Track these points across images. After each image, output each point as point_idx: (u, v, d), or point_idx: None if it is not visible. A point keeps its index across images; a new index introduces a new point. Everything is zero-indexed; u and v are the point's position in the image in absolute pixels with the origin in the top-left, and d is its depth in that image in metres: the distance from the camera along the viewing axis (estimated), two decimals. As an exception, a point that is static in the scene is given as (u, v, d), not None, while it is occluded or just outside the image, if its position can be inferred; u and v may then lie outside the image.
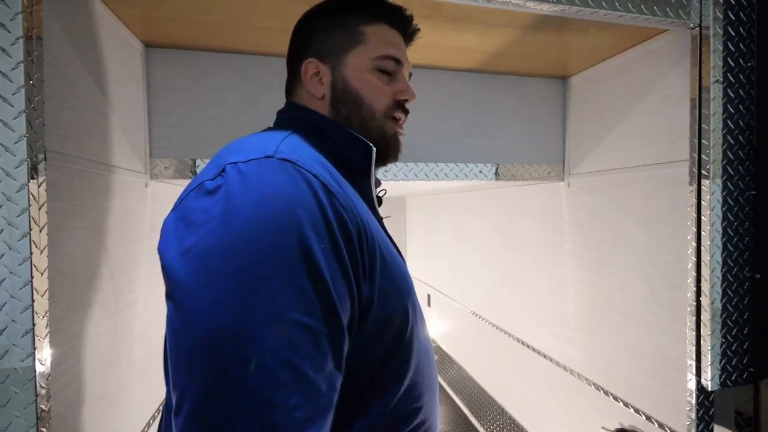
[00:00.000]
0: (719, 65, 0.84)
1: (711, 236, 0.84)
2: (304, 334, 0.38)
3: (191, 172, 1.00)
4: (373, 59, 0.58)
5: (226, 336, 0.36)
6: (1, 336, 0.52)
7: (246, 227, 0.38)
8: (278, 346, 0.36)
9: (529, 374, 1.52)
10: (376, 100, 0.58)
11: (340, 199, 0.44)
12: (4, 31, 0.52)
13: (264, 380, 0.35)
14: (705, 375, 0.85)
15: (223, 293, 0.37)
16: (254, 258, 0.38)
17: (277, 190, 0.40)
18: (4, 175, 0.52)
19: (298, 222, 0.39)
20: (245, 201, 0.39)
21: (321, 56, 0.59)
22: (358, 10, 0.59)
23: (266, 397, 0.35)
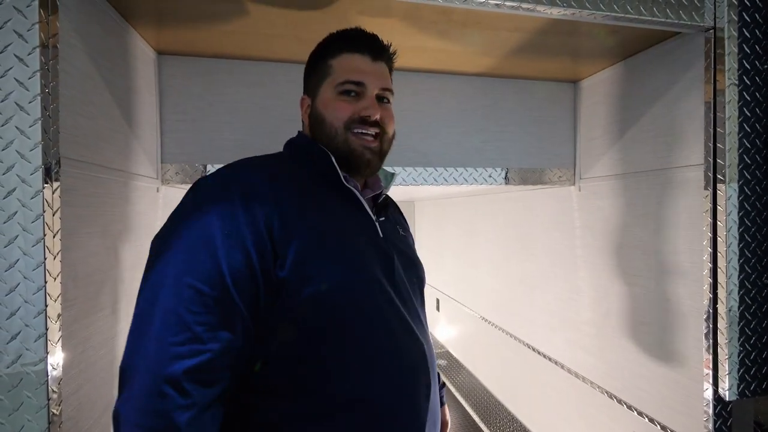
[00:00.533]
0: (734, 68, 0.83)
1: (728, 242, 0.82)
2: (193, 294, 0.50)
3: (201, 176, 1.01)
4: (335, 87, 0.67)
5: (143, 285, 0.53)
6: (15, 340, 0.53)
7: (174, 214, 0.56)
8: (169, 298, 0.50)
9: (540, 381, 1.50)
10: (336, 119, 0.67)
11: (257, 198, 0.55)
12: (21, 41, 0.53)
13: (154, 321, 0.49)
14: (722, 384, 0.83)
15: (150, 259, 0.54)
16: (170, 237, 0.53)
17: (203, 191, 0.57)
18: (19, 181, 0.53)
19: (209, 212, 0.53)
20: (191, 194, 0.57)
21: (308, 92, 0.73)
22: (326, 49, 0.70)
23: (152, 333, 0.49)
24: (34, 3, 0.54)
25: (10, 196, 0.53)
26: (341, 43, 0.69)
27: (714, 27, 0.84)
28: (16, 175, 0.53)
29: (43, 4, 0.55)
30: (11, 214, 0.53)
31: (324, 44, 0.71)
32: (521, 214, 1.61)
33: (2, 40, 0.53)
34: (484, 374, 2.04)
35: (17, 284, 0.53)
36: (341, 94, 0.67)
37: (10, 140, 0.53)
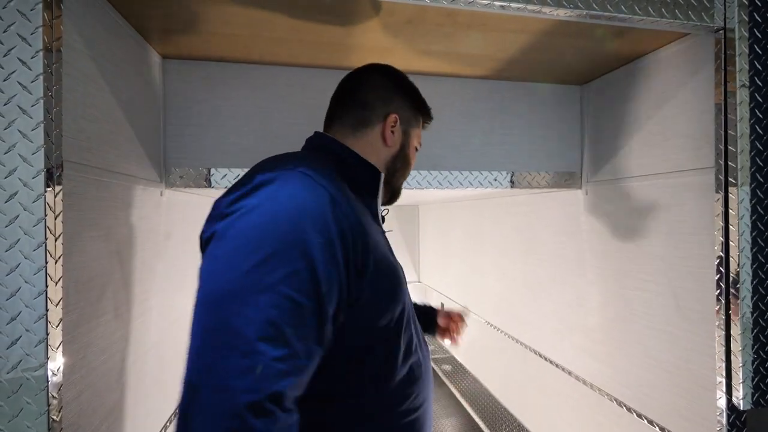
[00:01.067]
0: (746, 69, 0.81)
1: (740, 247, 0.80)
2: (291, 305, 0.47)
3: (206, 181, 1.01)
4: (418, 141, 0.83)
5: (231, 295, 0.46)
6: (15, 345, 0.52)
7: (263, 219, 0.50)
8: (268, 309, 0.46)
9: (546, 387, 1.47)
10: (410, 169, 0.82)
11: (342, 207, 0.54)
12: (24, 44, 0.53)
13: (253, 333, 0.45)
14: (736, 393, 0.80)
15: (219, 269, 0.49)
16: (264, 242, 0.48)
17: (292, 194, 0.52)
18: (21, 185, 0.53)
19: (303, 221, 0.50)
20: (267, 200, 0.52)
21: (401, 119, 0.77)
22: (423, 105, 0.83)
23: (253, 346, 0.44)
24: (38, 6, 0.54)
25: (12, 200, 0.53)
26: (426, 114, 0.84)
27: (724, 28, 0.83)
28: (18, 179, 0.53)
29: (47, 7, 0.55)
30: (13, 218, 0.53)
31: (419, 96, 0.82)
32: (527, 218, 1.59)
33: (6, 44, 0.53)
34: (489, 380, 2.01)
35: (18, 288, 0.52)
36: (415, 151, 0.82)
37: (12, 143, 0.53)
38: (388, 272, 0.62)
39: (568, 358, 1.35)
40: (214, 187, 1.01)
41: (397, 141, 0.76)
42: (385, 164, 0.75)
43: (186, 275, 1.18)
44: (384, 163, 0.75)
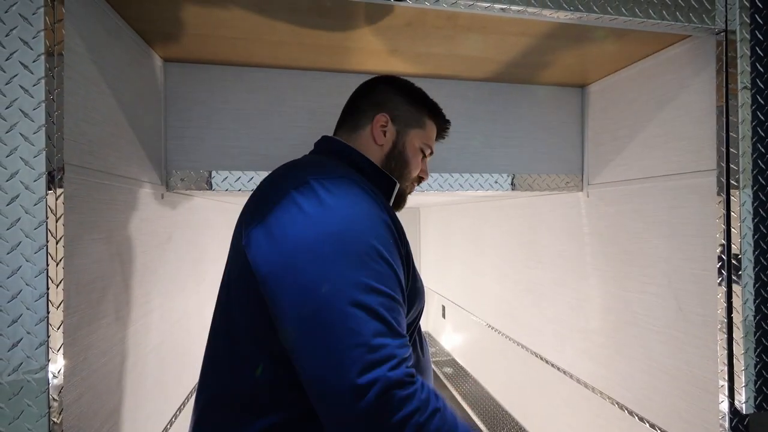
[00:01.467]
0: (747, 71, 0.81)
1: (742, 249, 0.80)
2: (385, 300, 0.52)
3: (207, 183, 1.01)
4: (423, 143, 0.81)
5: (310, 299, 0.50)
6: (16, 348, 0.52)
7: (339, 225, 0.54)
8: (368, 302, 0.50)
9: (548, 390, 1.47)
10: (413, 170, 0.81)
11: (390, 211, 0.61)
12: (26, 48, 0.53)
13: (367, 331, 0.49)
14: (739, 397, 0.80)
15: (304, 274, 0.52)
16: (345, 246, 0.52)
17: (355, 202, 0.57)
18: (23, 188, 0.53)
19: (370, 222, 0.56)
20: (336, 205, 0.55)
21: (393, 118, 0.78)
22: (427, 104, 0.82)
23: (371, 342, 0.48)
24: (39, 11, 0.54)
25: (13, 203, 0.53)
26: (437, 115, 0.84)
27: (725, 30, 0.82)
28: (19, 182, 0.53)
29: (49, 11, 0.55)
30: (14, 221, 0.53)
31: (424, 98, 0.82)
32: (528, 220, 1.59)
33: (8, 48, 0.53)
34: (490, 383, 2.01)
35: (19, 291, 0.53)
36: (422, 152, 0.81)
37: (14, 147, 0.53)
38: (415, 269, 0.67)
39: (570, 360, 1.34)
40: (215, 189, 1.01)
41: (389, 140, 0.77)
42: (380, 163, 0.77)
43: (187, 277, 1.18)
44: (379, 162, 0.77)
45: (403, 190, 0.81)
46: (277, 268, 0.53)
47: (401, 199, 0.82)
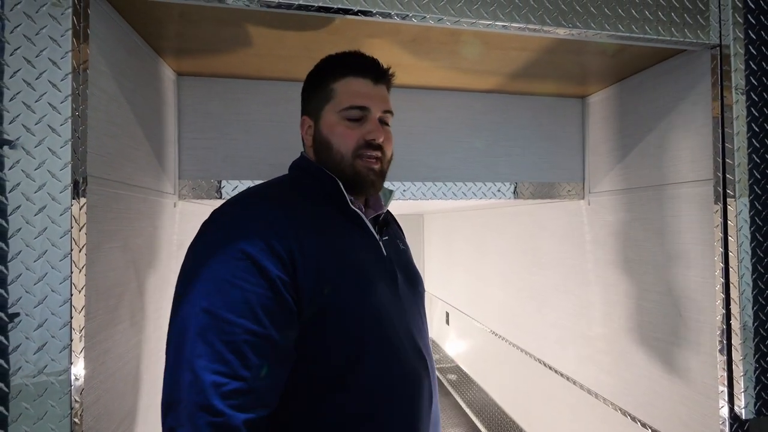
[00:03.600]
0: (742, 84, 0.84)
1: (739, 257, 0.82)
2: (226, 326, 0.52)
3: (217, 192, 1.04)
4: (339, 111, 0.69)
5: (172, 319, 0.57)
6: (41, 351, 0.55)
7: (196, 249, 0.59)
8: (203, 331, 0.52)
9: (552, 397, 1.48)
10: (343, 145, 0.68)
11: (277, 232, 0.58)
12: (55, 68, 0.57)
13: (187, 352, 0.52)
14: (738, 402, 0.81)
15: (176, 295, 0.58)
16: (195, 270, 0.56)
17: (220, 225, 0.61)
18: (50, 199, 0.56)
19: (232, 248, 0.56)
20: (199, 239, 0.61)
21: (309, 113, 0.74)
22: (328, 71, 0.72)
23: (191, 361, 0.51)
24: (67, 33, 0.57)
25: (41, 213, 0.56)
26: (343, 67, 0.70)
27: (720, 44, 0.85)
28: (47, 193, 0.56)
29: (76, 33, 0.58)
30: (41, 230, 0.56)
31: (324, 67, 0.73)
32: (531, 228, 1.61)
33: (38, 68, 0.57)
34: (494, 389, 2.01)
35: (45, 297, 0.55)
36: (346, 119, 0.68)
37: (42, 160, 0.56)
38: (358, 280, 0.63)
39: (573, 367, 1.36)
40: (225, 198, 1.04)
41: (311, 134, 0.73)
42: (319, 160, 0.71)
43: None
44: (319, 159, 0.71)
45: (346, 170, 0.68)
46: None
47: (356, 180, 0.69)
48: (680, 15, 0.84)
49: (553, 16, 0.78)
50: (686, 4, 0.84)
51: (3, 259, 0.55)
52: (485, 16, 0.76)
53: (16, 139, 0.56)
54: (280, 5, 0.68)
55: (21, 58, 0.56)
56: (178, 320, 0.54)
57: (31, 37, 0.56)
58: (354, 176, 0.68)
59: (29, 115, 0.56)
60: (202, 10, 0.72)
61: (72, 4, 0.58)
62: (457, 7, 0.75)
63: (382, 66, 0.72)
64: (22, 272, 0.55)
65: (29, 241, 0.55)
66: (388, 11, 0.72)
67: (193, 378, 0.50)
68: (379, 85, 0.72)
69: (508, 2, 0.77)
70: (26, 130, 0.56)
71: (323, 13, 0.70)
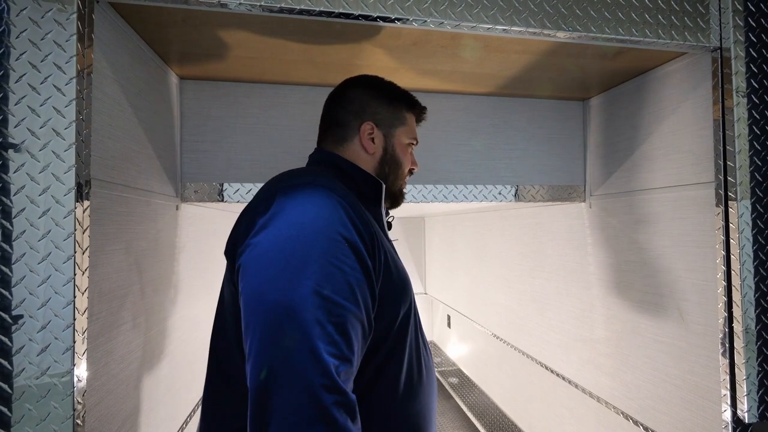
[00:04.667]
0: (742, 87, 0.84)
1: (741, 260, 0.82)
2: (331, 305, 0.52)
3: (219, 195, 1.05)
4: (409, 138, 0.81)
5: (261, 299, 0.52)
6: (45, 353, 0.55)
7: (293, 231, 0.55)
8: (310, 310, 0.51)
9: (554, 400, 1.47)
10: (405, 167, 0.82)
11: (356, 213, 0.60)
12: (60, 72, 0.58)
13: (297, 333, 0.50)
14: (741, 406, 0.81)
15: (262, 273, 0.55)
16: (299, 250, 0.54)
17: (316, 206, 0.58)
18: (53, 202, 0.57)
19: (329, 228, 0.56)
20: (294, 213, 0.57)
21: (377, 123, 0.78)
22: (402, 99, 0.81)
23: (311, 342, 0.50)
24: (72, 38, 0.58)
25: (44, 216, 0.57)
26: (413, 104, 0.83)
27: (720, 47, 0.85)
28: (51, 196, 0.57)
29: (81, 38, 0.59)
30: (45, 233, 0.56)
31: (398, 93, 0.81)
32: (532, 230, 1.61)
33: (43, 72, 0.57)
34: (496, 393, 2.01)
35: (48, 299, 0.56)
36: (408, 146, 0.82)
37: (47, 163, 0.57)
38: (398, 274, 0.67)
39: (575, 370, 1.35)
40: (227, 201, 1.05)
41: (379, 146, 0.77)
42: (374, 171, 0.78)
43: (198, 286, 1.21)
44: (373, 170, 0.77)
45: (398, 187, 0.81)
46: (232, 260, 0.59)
47: (398, 196, 0.82)
48: (680, 18, 0.84)
49: (554, 19, 0.79)
50: (686, 7, 0.85)
51: (7, 262, 0.55)
52: (485, 19, 0.76)
53: (21, 142, 0.56)
54: (282, 10, 0.69)
55: (26, 63, 0.57)
56: (277, 300, 0.51)
57: (36, 42, 0.57)
58: (398, 192, 0.82)
59: (34, 118, 0.57)
60: (204, 15, 0.72)
61: (77, 9, 0.58)
62: (457, 11, 0.75)
63: (425, 116, 0.88)
64: (26, 274, 0.56)
65: (33, 244, 0.56)
66: (389, 15, 0.72)
67: (314, 359, 0.49)
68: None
69: (508, 6, 0.77)
70: (31, 133, 0.57)
71: (324, 17, 0.71)
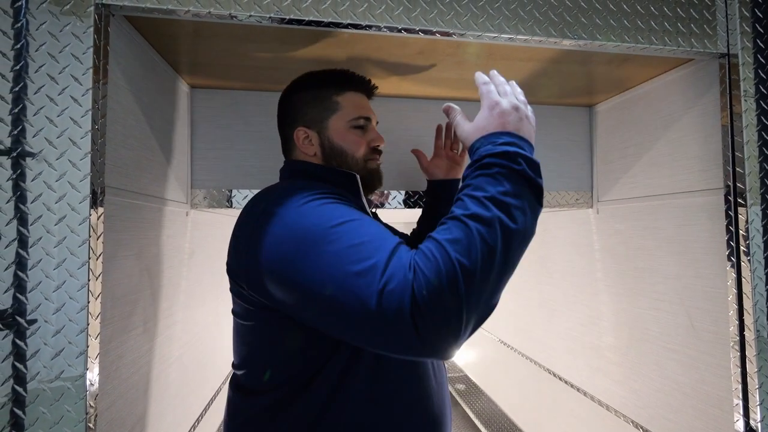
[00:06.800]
0: (751, 93, 0.83)
1: (752, 267, 0.81)
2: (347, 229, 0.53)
3: (228, 201, 1.06)
4: (348, 121, 0.77)
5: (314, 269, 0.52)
6: (59, 357, 0.57)
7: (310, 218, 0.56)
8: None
9: (563, 408, 1.46)
10: (357, 150, 0.78)
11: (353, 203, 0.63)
12: (77, 83, 0.60)
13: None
14: (753, 416, 0.80)
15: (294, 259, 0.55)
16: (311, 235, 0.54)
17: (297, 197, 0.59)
18: (69, 209, 0.58)
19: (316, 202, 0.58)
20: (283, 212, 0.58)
21: (307, 124, 0.77)
22: (329, 85, 0.78)
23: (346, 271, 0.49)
24: (89, 50, 0.60)
25: (60, 223, 0.58)
26: (345, 82, 0.79)
27: (728, 54, 0.85)
28: (66, 203, 0.58)
29: (97, 50, 0.61)
30: (61, 239, 0.58)
31: (323, 81, 0.79)
32: (539, 236, 1.60)
33: (61, 84, 0.59)
34: (504, 400, 1.99)
35: (63, 304, 0.57)
36: (354, 128, 0.78)
37: (63, 172, 0.59)
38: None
39: (583, 378, 1.34)
40: (235, 207, 1.06)
41: (316, 144, 0.77)
42: (329, 165, 0.77)
43: (206, 291, 1.23)
44: (329, 164, 0.77)
45: (366, 172, 0.78)
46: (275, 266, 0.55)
47: (373, 177, 0.80)
48: (687, 25, 0.84)
49: (559, 28, 0.79)
50: (693, 14, 0.85)
51: (24, 267, 0.57)
52: (491, 29, 0.77)
53: (39, 151, 0.58)
54: (291, 21, 0.70)
55: (45, 75, 0.59)
56: (318, 261, 0.51)
57: (54, 55, 0.59)
58: (368, 175, 0.78)
59: (51, 128, 0.59)
60: (215, 26, 0.74)
61: (93, 22, 0.60)
62: (463, 21, 0.76)
63: (372, 83, 0.84)
64: (42, 280, 0.57)
65: (49, 250, 0.57)
66: (396, 26, 0.73)
67: (358, 283, 0.48)
68: (370, 100, 0.84)
69: (513, 15, 0.78)
70: (48, 143, 0.59)
71: (333, 28, 0.73)
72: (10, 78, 0.58)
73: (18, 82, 0.58)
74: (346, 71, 0.80)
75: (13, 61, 0.58)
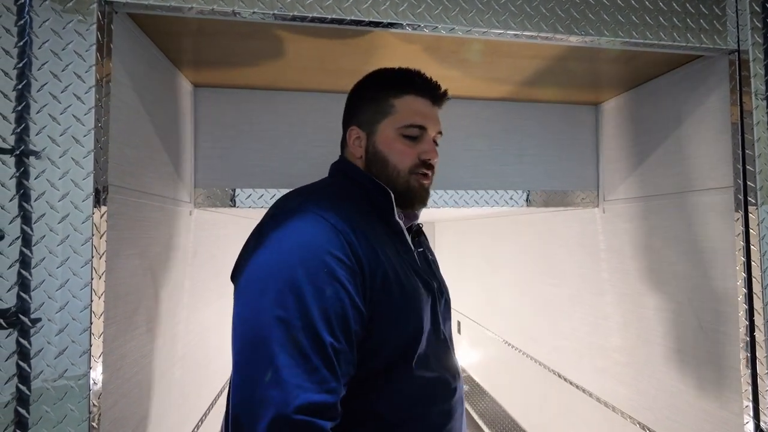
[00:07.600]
0: (761, 89, 0.82)
1: (762, 267, 0.80)
2: (300, 333, 0.53)
3: (231, 200, 1.06)
4: (398, 128, 0.71)
5: (241, 324, 0.57)
6: (62, 356, 0.56)
7: (271, 257, 0.58)
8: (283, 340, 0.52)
9: (568, 410, 1.44)
10: (401, 163, 0.71)
11: (347, 237, 0.59)
12: (79, 81, 0.59)
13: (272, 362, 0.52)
14: (764, 417, 0.78)
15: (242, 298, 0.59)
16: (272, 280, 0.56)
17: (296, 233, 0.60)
18: (72, 207, 0.58)
19: (302, 256, 0.57)
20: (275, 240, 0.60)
21: (360, 125, 0.74)
22: (388, 86, 0.73)
23: (277, 372, 0.51)
24: (92, 48, 0.60)
25: (63, 221, 0.58)
26: (406, 85, 0.72)
27: (738, 50, 0.84)
28: (70, 202, 0.58)
29: (99, 48, 0.61)
30: (64, 238, 0.58)
31: (383, 81, 0.74)
32: (544, 236, 1.59)
33: (64, 81, 0.59)
34: (508, 401, 1.98)
35: (66, 303, 0.57)
36: (404, 137, 0.71)
37: (66, 170, 0.58)
38: (403, 296, 0.63)
39: (589, 379, 1.32)
40: (239, 206, 1.06)
41: (362, 148, 0.73)
42: (370, 171, 0.73)
43: (209, 291, 1.23)
44: (370, 170, 0.73)
45: (402, 187, 0.71)
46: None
47: (413, 196, 0.72)
48: (696, 20, 0.83)
49: (566, 24, 0.78)
50: (702, 9, 0.83)
51: (27, 266, 0.57)
52: (496, 25, 0.76)
53: (42, 149, 0.58)
54: (295, 18, 0.70)
55: (48, 72, 0.59)
56: (245, 330, 0.55)
57: (57, 53, 0.59)
58: (407, 191, 0.71)
59: (54, 126, 0.58)
60: (218, 24, 0.74)
61: (96, 20, 0.60)
62: (468, 17, 0.75)
63: (441, 89, 0.74)
64: (45, 278, 0.57)
65: (52, 248, 0.57)
66: (400, 22, 0.73)
67: (280, 390, 0.52)
68: (435, 107, 0.75)
69: (519, 11, 0.77)
70: (51, 140, 0.58)
71: (336, 25, 0.72)
72: (13, 75, 0.58)
73: (21, 80, 0.58)
74: (412, 71, 0.73)
75: (16, 59, 0.58)
